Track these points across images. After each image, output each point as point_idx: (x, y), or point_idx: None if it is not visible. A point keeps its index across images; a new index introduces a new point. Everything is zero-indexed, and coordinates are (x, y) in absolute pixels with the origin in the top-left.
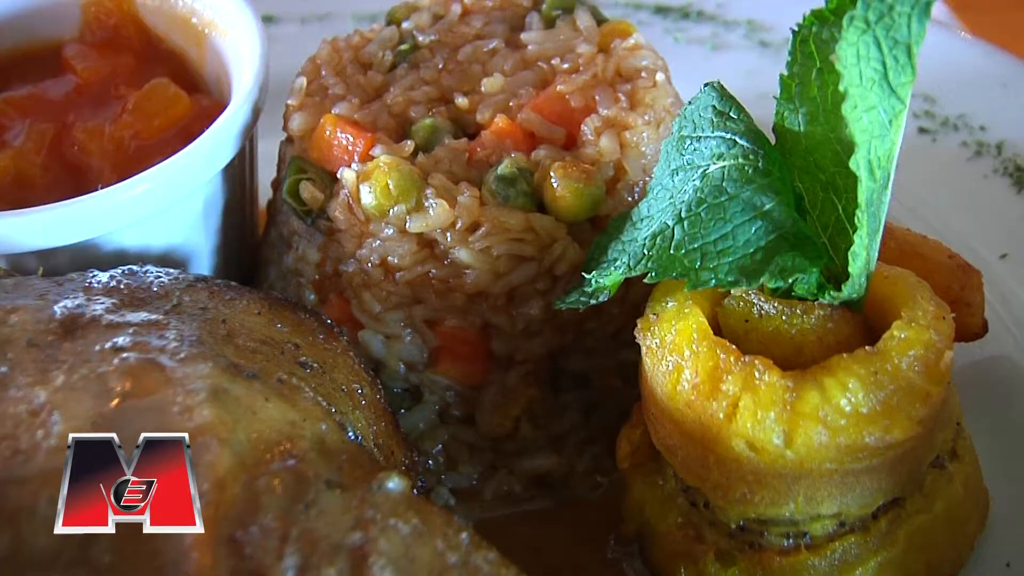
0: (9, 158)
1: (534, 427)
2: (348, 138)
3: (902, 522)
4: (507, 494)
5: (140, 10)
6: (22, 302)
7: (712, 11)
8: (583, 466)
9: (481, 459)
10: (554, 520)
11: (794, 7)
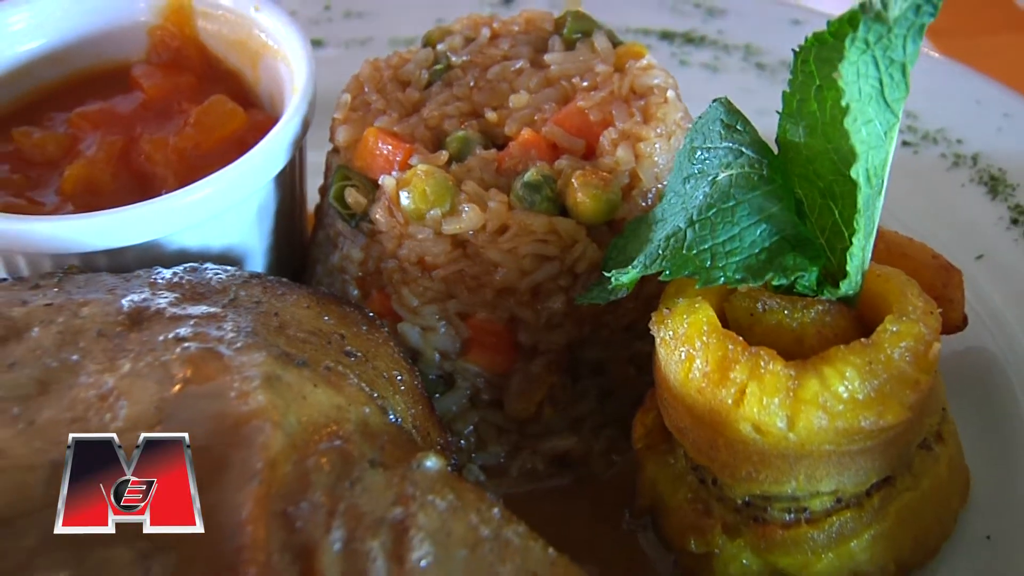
0: (82, 166)
1: (555, 411)
2: (389, 148)
3: (893, 499)
4: (531, 471)
5: (200, 34)
6: (93, 296)
7: (713, 37)
8: (599, 446)
9: (507, 440)
10: (573, 495)
11: (786, 33)
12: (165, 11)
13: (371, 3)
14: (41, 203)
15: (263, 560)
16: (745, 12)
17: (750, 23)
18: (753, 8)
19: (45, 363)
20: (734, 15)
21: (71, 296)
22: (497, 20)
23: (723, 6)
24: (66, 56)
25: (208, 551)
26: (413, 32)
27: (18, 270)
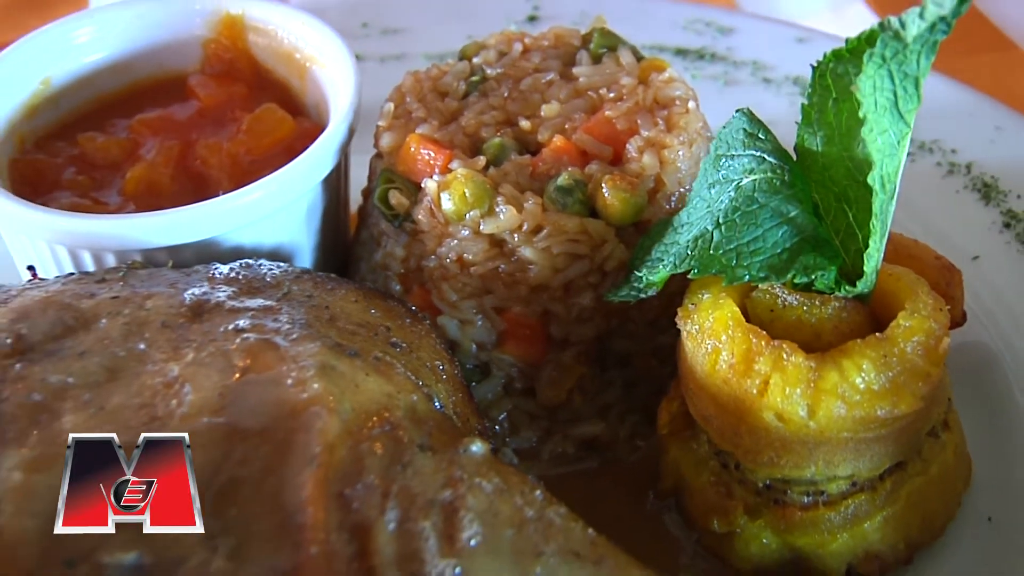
0: (143, 169)
1: (584, 399)
2: (430, 154)
3: (903, 483)
4: (561, 455)
5: (251, 47)
6: (156, 289)
7: (723, 53)
8: (625, 432)
9: (539, 425)
10: (601, 478)
11: (791, 51)
12: (219, 26)
13: (406, 21)
14: (105, 203)
15: (323, 539)
16: (752, 31)
17: (757, 41)
18: (760, 28)
19: (113, 352)
20: (742, 34)
21: (136, 289)
22: (528, 36)
23: (732, 25)
24: (127, 67)
25: (271, 530)
26: (444, 48)
27: (83, 265)
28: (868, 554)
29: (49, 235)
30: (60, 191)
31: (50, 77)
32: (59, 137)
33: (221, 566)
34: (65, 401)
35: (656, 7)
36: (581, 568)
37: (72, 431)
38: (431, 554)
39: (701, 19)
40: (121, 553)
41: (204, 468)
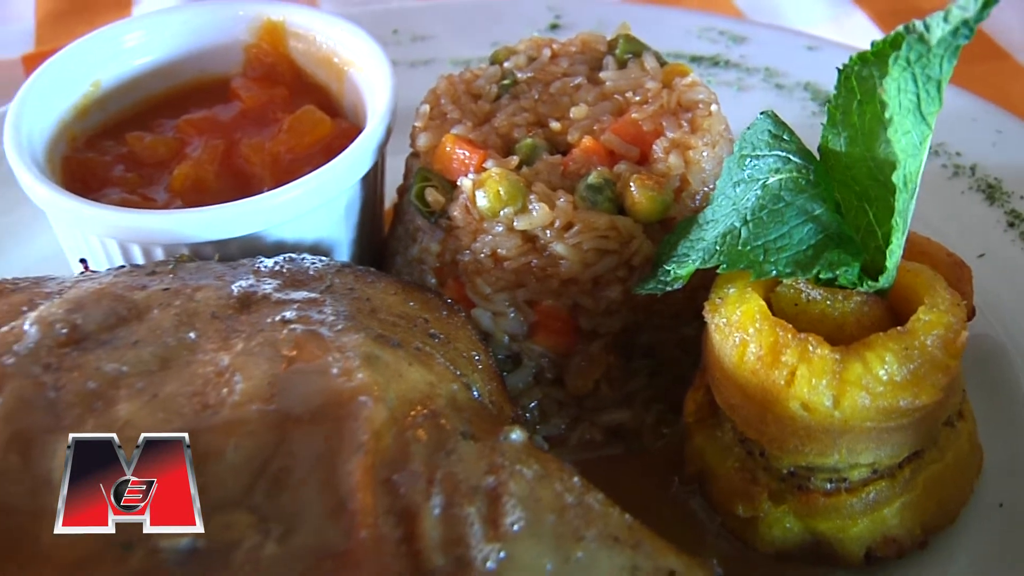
0: (189, 167)
1: (610, 388)
2: (465, 153)
3: (921, 470)
4: (588, 442)
5: (291, 52)
6: (204, 282)
7: (736, 60)
8: (649, 420)
9: (568, 413)
10: (627, 464)
11: (801, 58)
12: (260, 32)
13: (434, 29)
14: (153, 199)
15: (372, 523)
16: (764, 40)
17: (769, 49)
18: (771, 36)
19: (165, 342)
20: (755, 42)
21: (185, 281)
22: (556, 42)
23: (745, 34)
24: (173, 70)
25: (322, 515)
26: (470, 54)
27: (133, 258)
28: (886, 538)
29: (101, 229)
30: (110, 188)
31: (100, 79)
32: (109, 136)
33: (273, 550)
34: (119, 389)
35: (672, 16)
36: (620, 552)
37: (127, 418)
38: (476, 538)
39: (715, 28)
40: (177, 537)
41: (255, 454)
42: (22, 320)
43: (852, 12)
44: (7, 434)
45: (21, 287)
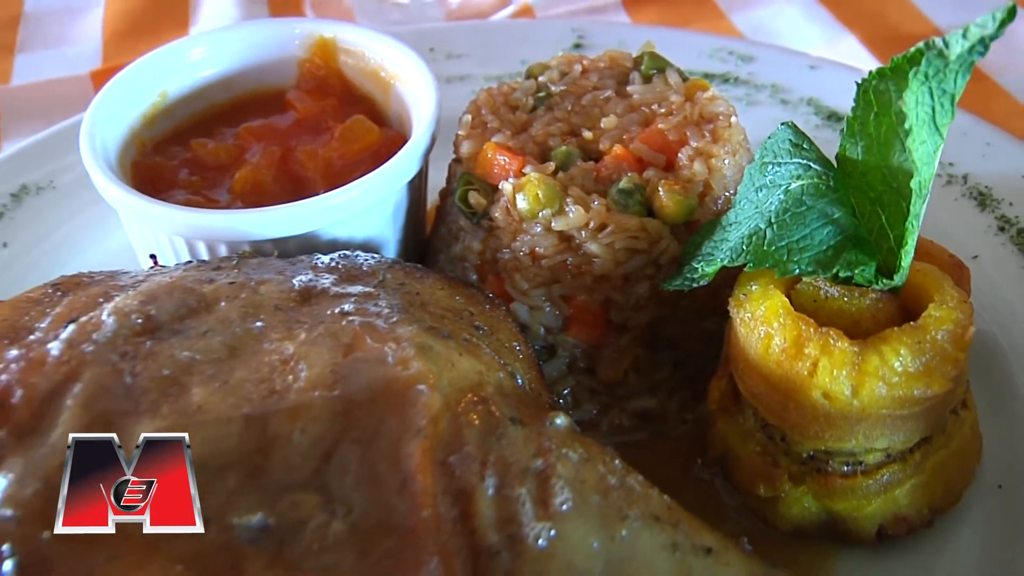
0: (249, 171)
1: (638, 377)
2: (505, 159)
3: (930, 455)
4: (618, 427)
5: (341, 66)
6: (267, 276)
7: (745, 77)
8: (673, 406)
9: (598, 400)
10: (653, 447)
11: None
12: (313, 47)
13: (467, 48)
14: (216, 200)
15: (431, 503)
16: (770, 60)
17: (774, 68)
18: (776, 56)
19: (233, 332)
20: (761, 61)
21: (249, 276)
22: (586, 58)
23: (752, 54)
24: (234, 82)
25: (385, 495)
26: (501, 70)
27: (199, 254)
28: (897, 517)
29: (169, 227)
30: (176, 189)
31: (167, 91)
32: (175, 142)
33: (340, 528)
34: (192, 376)
35: (685, 37)
36: (661, 531)
37: (200, 403)
38: (528, 517)
39: (724, 48)
40: (249, 515)
41: (320, 438)
42: (100, 311)
43: (844, 35)
44: (88, 417)
45: (97, 280)
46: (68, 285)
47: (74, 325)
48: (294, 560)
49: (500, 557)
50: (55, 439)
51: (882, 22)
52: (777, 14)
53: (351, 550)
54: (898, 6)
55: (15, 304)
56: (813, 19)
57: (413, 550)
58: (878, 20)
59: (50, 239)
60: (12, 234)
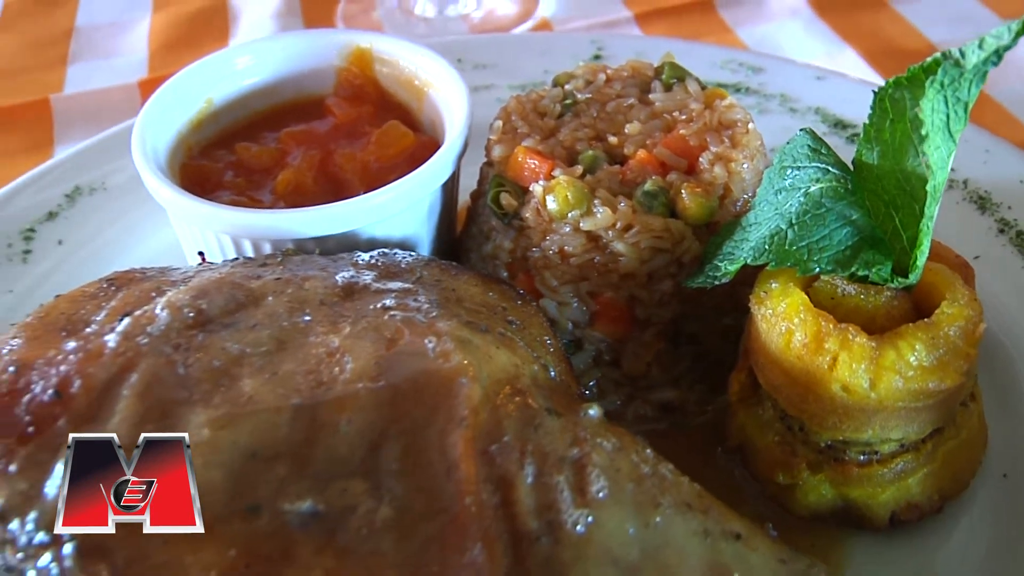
0: (291, 173)
1: (660, 369)
2: (535, 163)
3: (941, 445)
4: (641, 417)
5: (377, 75)
6: (311, 272)
7: (756, 87)
8: (694, 397)
9: (623, 391)
10: (675, 436)
11: (811, 86)
12: (350, 57)
13: (493, 58)
14: (259, 200)
15: (475, 491)
16: (778, 71)
17: (783, 78)
18: (785, 68)
19: (280, 325)
20: (770, 72)
21: (294, 272)
22: (609, 68)
23: (762, 65)
24: (276, 90)
25: (430, 483)
26: (524, 80)
27: (244, 251)
28: (909, 504)
29: (217, 226)
30: (222, 190)
31: (212, 97)
32: (220, 146)
33: (387, 514)
34: (242, 367)
35: (698, 49)
36: (693, 517)
37: (251, 393)
38: (566, 504)
39: (735, 60)
40: (299, 501)
41: (367, 428)
42: (153, 305)
43: (844, 49)
44: (144, 406)
45: (149, 276)
46: (122, 280)
47: (129, 318)
48: (344, 545)
49: (540, 542)
50: (113, 427)
51: (879, 37)
52: (780, 29)
53: (398, 535)
54: (894, 22)
55: (72, 298)
56: (814, 34)
57: (457, 535)
58: (876, 35)
59: (101, 237)
60: (66, 232)
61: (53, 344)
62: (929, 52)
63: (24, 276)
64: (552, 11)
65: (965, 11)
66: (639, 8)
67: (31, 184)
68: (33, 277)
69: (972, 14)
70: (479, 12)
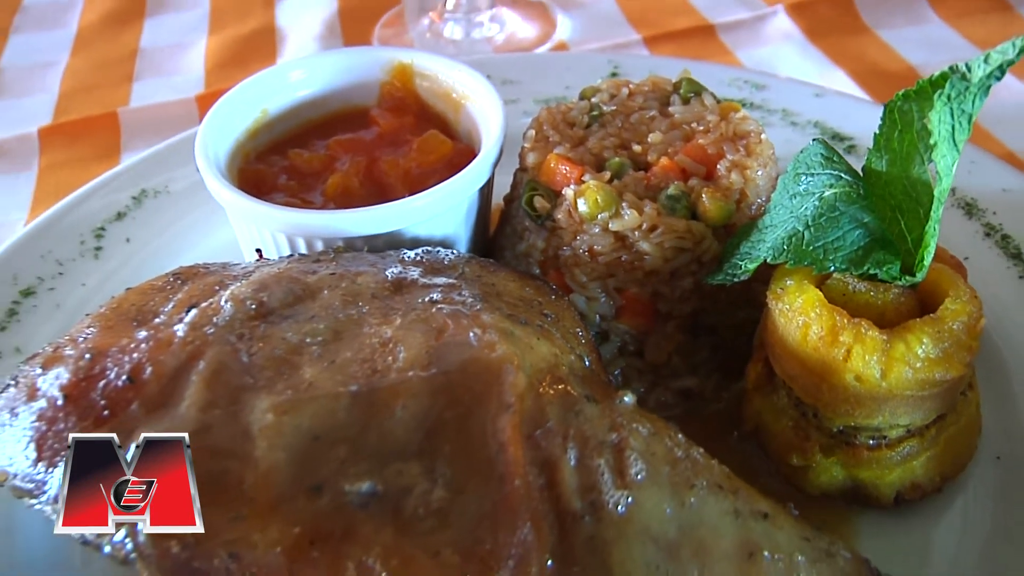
0: (339, 177)
1: (681, 359)
2: (566, 168)
3: (943, 431)
4: (663, 403)
5: (417, 88)
6: (362, 268)
7: (759, 103)
8: (711, 385)
9: (645, 379)
10: (693, 421)
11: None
12: (393, 72)
13: (518, 75)
14: (311, 202)
15: (522, 473)
16: (780, 88)
17: (784, 95)
18: (786, 86)
19: (336, 317)
20: (773, 89)
21: (347, 268)
22: (631, 83)
23: (765, 83)
24: (325, 101)
25: (480, 465)
26: (548, 95)
27: (298, 249)
28: (913, 484)
29: (274, 225)
30: (276, 193)
31: (268, 108)
32: (274, 153)
33: (441, 495)
34: (302, 355)
35: (706, 68)
36: (724, 498)
37: (311, 380)
38: (607, 486)
39: (740, 78)
40: (359, 482)
41: (420, 413)
42: (218, 297)
43: (834, 71)
44: (211, 392)
45: (212, 270)
46: (187, 274)
47: (195, 310)
48: (402, 523)
49: (583, 521)
50: (183, 411)
51: (865, 60)
52: (775, 52)
53: (452, 514)
54: (877, 47)
55: (141, 290)
56: (807, 57)
57: (508, 514)
58: (862, 58)
59: (164, 235)
60: (133, 231)
61: (125, 333)
62: (909, 73)
63: (96, 271)
64: (568, 34)
65: (939, 37)
66: (648, 32)
67: (101, 188)
68: (104, 272)
69: (946, 40)
70: (501, 35)
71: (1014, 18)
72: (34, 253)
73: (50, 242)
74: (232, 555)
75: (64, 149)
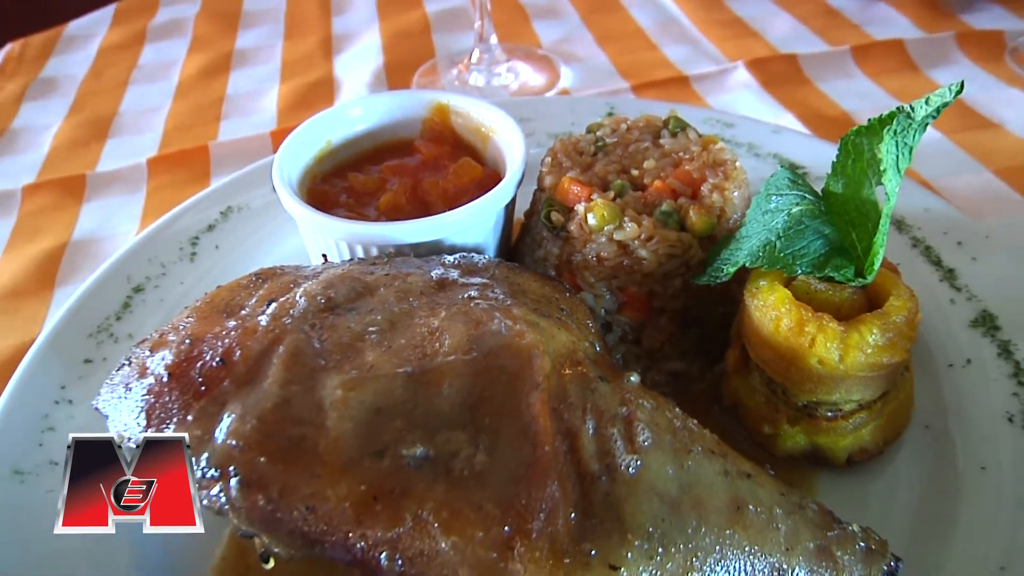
0: (390, 196)
1: (671, 346)
2: (577, 188)
3: (887, 405)
4: (656, 382)
5: (453, 124)
6: (411, 270)
7: (729, 138)
8: (697, 368)
9: (641, 363)
10: (681, 397)
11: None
12: (433, 110)
13: (531, 113)
14: (367, 216)
15: (550, 440)
16: (745, 127)
17: (748, 132)
18: (749, 124)
19: (391, 310)
20: (739, 127)
21: (399, 269)
22: (628, 120)
23: (732, 122)
24: (378, 133)
25: (515, 434)
26: (558, 130)
27: (356, 254)
28: (861, 448)
29: (336, 235)
30: (338, 208)
31: (331, 139)
32: (336, 176)
33: (483, 459)
34: (364, 342)
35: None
36: (716, 461)
37: (372, 362)
38: (620, 451)
39: (712, 118)
40: (413, 448)
41: (464, 390)
42: (293, 293)
43: (784, 113)
44: (290, 372)
45: (287, 271)
46: (266, 275)
47: (275, 304)
48: (450, 482)
49: (600, 481)
50: (267, 387)
51: (809, 106)
52: (737, 98)
53: (492, 475)
54: (817, 96)
55: (229, 287)
56: (763, 102)
57: (538, 475)
58: (806, 104)
59: (246, 243)
60: (221, 239)
61: (217, 323)
62: (843, 117)
63: (191, 272)
64: (570, 83)
65: (864, 89)
66: (635, 81)
67: (195, 205)
68: (198, 272)
69: (869, 91)
70: (516, 83)
71: (919, 75)
72: (143, 258)
73: (155, 249)
74: (309, 508)
75: (166, 175)
